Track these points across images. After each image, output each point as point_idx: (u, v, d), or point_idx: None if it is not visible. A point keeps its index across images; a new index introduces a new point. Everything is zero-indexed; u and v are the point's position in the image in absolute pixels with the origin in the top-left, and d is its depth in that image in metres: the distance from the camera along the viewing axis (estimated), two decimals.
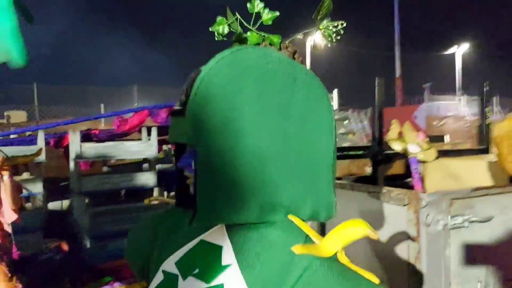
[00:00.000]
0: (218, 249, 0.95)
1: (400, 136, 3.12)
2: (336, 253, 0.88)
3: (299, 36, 1.71)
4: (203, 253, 0.97)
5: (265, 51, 0.99)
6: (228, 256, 0.93)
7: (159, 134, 6.18)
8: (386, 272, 1.75)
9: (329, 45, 1.62)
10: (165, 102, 6.42)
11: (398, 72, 20.21)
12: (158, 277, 1.01)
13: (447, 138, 5.21)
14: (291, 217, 0.93)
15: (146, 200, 2.49)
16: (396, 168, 3.63)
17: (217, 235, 0.97)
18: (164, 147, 7.53)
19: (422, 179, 2.83)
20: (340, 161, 3.89)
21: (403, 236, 1.68)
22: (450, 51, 27.18)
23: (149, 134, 6.05)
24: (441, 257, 1.66)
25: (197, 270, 0.95)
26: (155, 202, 3.70)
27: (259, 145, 0.89)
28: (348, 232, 0.89)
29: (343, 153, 4.53)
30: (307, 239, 0.91)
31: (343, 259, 0.89)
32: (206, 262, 0.95)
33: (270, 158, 0.89)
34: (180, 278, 0.97)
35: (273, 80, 0.91)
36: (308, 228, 0.92)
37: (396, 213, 1.71)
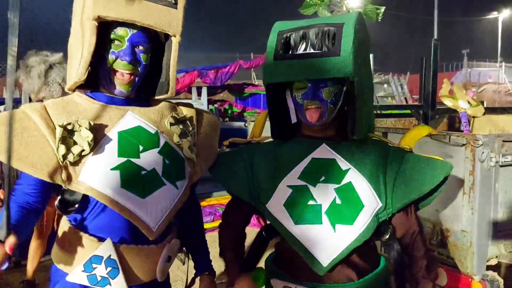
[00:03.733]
0: (333, 160, 1.33)
1: (451, 93, 3.42)
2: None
3: None
4: (321, 166, 1.33)
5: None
6: (343, 164, 1.32)
7: (209, 94, 6.63)
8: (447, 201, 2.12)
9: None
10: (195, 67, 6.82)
11: (436, 36, 19.90)
12: (282, 192, 1.32)
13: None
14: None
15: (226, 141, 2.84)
16: (443, 125, 3.94)
17: (325, 153, 1.34)
18: (210, 106, 7.98)
19: (471, 132, 3.15)
20: (386, 119, 4.22)
21: (460, 171, 2.04)
22: (491, 15, 26.38)
23: (199, 94, 6.50)
24: (491, 188, 2.02)
25: (323, 178, 1.31)
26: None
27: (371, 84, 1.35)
28: (418, 132, 1.52)
29: (388, 111, 4.84)
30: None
31: None
32: (328, 170, 1.32)
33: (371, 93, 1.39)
34: (309, 186, 1.31)
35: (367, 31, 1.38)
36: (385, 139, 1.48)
37: (454, 152, 2.06)
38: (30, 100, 3.03)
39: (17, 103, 5.33)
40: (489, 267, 2.07)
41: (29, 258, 3.14)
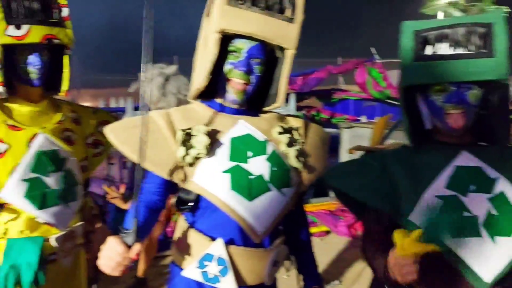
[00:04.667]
0: (478, 168, 1.29)
1: None
2: None
3: None
4: (467, 174, 1.28)
5: None
6: (490, 172, 1.28)
7: (297, 101, 6.69)
8: None
9: None
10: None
11: None
12: (428, 203, 1.24)
13: None
14: None
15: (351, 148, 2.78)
16: None
17: (468, 160, 1.30)
18: (297, 113, 8.04)
19: None
20: None
21: None
22: None
23: (286, 101, 6.60)
24: None
25: (472, 187, 1.26)
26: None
27: None
28: None
29: None
30: None
31: None
32: (476, 179, 1.27)
33: None
34: (460, 197, 1.25)
35: None
36: None
37: None
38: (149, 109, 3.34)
39: (120, 112, 5.84)
40: None
41: (141, 256, 3.42)
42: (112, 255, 1.12)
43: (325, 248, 4.36)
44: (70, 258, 1.71)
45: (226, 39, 1.33)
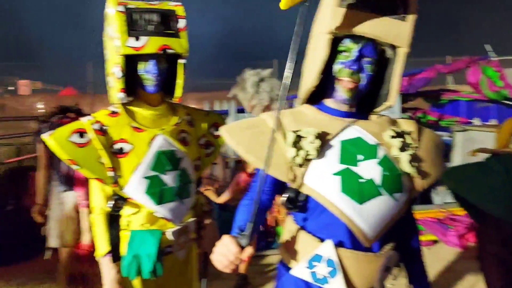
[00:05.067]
0: None
1: None
2: None
3: None
4: None
5: None
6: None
7: (402, 102, 6.39)
8: None
9: None
10: None
11: None
12: None
13: None
14: None
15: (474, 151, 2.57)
16: None
17: None
18: (402, 115, 7.68)
19: None
20: None
21: None
22: None
23: None
24: None
25: None
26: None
27: None
28: None
29: None
30: None
31: None
32: None
33: None
34: None
35: None
36: None
37: None
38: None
39: (224, 114, 6.08)
40: None
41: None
42: (226, 253, 1.19)
43: (433, 258, 4.12)
44: (184, 252, 1.82)
45: (336, 40, 1.33)
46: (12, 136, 9.39)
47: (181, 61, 1.76)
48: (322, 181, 1.31)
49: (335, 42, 1.33)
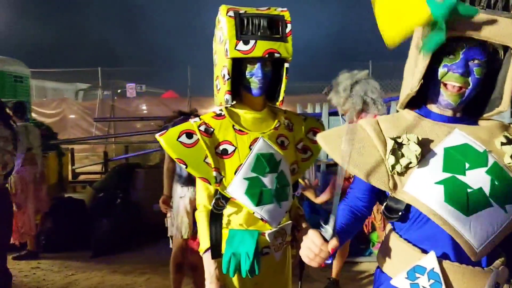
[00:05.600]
0: None
1: None
2: None
3: None
4: None
5: None
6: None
7: None
8: None
9: None
10: None
11: None
12: None
13: None
14: None
15: None
16: None
17: None
18: None
19: None
20: None
21: None
22: None
23: None
24: None
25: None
26: None
27: None
28: None
29: None
30: None
31: None
32: None
33: None
34: None
35: None
36: None
37: None
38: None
39: (319, 117, 6.07)
40: None
41: (336, 258, 3.53)
42: (310, 246, 1.22)
43: None
44: (280, 253, 1.87)
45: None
46: (121, 135, 10.24)
47: (286, 65, 1.80)
48: (424, 190, 1.26)
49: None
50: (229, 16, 1.73)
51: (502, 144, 1.28)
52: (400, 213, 1.32)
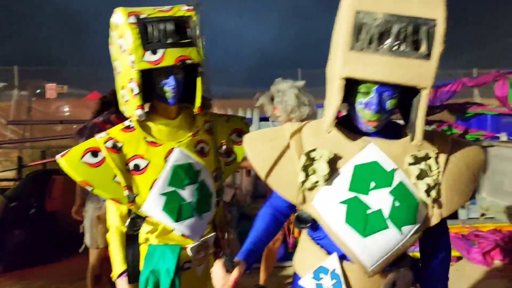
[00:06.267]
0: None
1: None
2: None
3: None
4: None
5: None
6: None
7: (428, 114, 6.31)
8: None
9: None
10: None
11: None
12: None
13: None
14: None
15: None
16: None
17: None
18: (427, 127, 7.55)
19: None
20: None
21: None
22: None
23: None
24: None
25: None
26: None
27: None
28: None
29: None
30: None
31: None
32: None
33: None
34: None
35: None
36: None
37: None
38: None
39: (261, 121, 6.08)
40: None
41: (263, 264, 3.54)
42: (215, 276, 1.31)
43: (456, 276, 4.02)
44: (202, 267, 1.80)
45: None
46: (38, 140, 9.59)
47: (200, 69, 1.71)
48: (328, 209, 1.29)
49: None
50: (131, 23, 1.58)
51: (409, 164, 1.29)
52: (309, 224, 1.36)
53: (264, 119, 5.67)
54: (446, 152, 1.34)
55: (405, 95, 1.28)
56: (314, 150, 1.31)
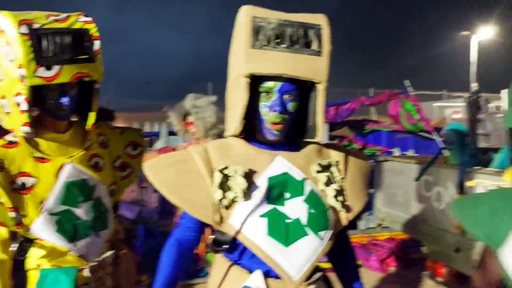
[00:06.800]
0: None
1: None
2: None
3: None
4: None
5: None
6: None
7: (330, 130, 6.64)
8: None
9: None
10: None
11: None
12: None
13: None
14: None
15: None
16: None
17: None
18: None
19: None
20: None
21: None
22: None
23: None
24: None
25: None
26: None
27: None
28: None
29: None
30: None
31: None
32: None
33: None
34: None
35: None
36: None
37: None
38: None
39: (155, 136, 5.91)
40: None
41: None
42: None
43: None
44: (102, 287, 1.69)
45: (256, 78, 1.32)
46: None
47: (96, 86, 1.61)
48: (249, 224, 1.29)
49: (255, 78, 1.32)
50: (23, 33, 1.42)
51: (317, 172, 1.38)
52: (226, 246, 1.33)
53: (173, 133, 5.58)
54: (343, 160, 1.46)
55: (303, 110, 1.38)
56: (226, 168, 1.31)
